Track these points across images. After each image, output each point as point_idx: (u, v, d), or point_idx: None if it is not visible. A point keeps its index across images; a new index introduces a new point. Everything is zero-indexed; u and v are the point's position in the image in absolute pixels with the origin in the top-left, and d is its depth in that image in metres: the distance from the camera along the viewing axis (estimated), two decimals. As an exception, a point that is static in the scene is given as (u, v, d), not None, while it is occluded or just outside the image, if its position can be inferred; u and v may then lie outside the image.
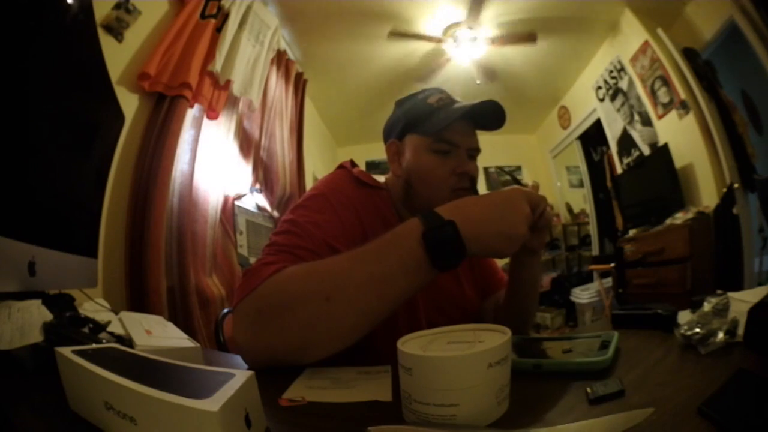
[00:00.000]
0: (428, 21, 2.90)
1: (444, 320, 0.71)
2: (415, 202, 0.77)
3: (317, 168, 3.64)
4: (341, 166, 0.80)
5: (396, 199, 0.81)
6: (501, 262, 0.95)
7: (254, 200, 2.46)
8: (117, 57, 1.45)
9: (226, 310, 1.16)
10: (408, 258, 0.48)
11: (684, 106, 2.63)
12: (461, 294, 0.82)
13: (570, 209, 4.95)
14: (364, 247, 0.51)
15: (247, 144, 2.28)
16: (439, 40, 3.09)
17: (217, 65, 1.81)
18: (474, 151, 0.77)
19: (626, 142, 3.32)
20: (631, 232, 2.92)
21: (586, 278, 3.95)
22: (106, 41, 1.38)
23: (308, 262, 0.55)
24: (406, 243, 0.49)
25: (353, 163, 0.82)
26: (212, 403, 0.26)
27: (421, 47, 3.17)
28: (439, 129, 0.73)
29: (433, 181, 0.74)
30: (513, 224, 0.51)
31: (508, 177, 3.71)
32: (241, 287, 0.55)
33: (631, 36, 2.95)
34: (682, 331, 0.48)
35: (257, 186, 2.39)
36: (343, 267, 0.51)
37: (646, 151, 3.06)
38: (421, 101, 0.79)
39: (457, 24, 2.93)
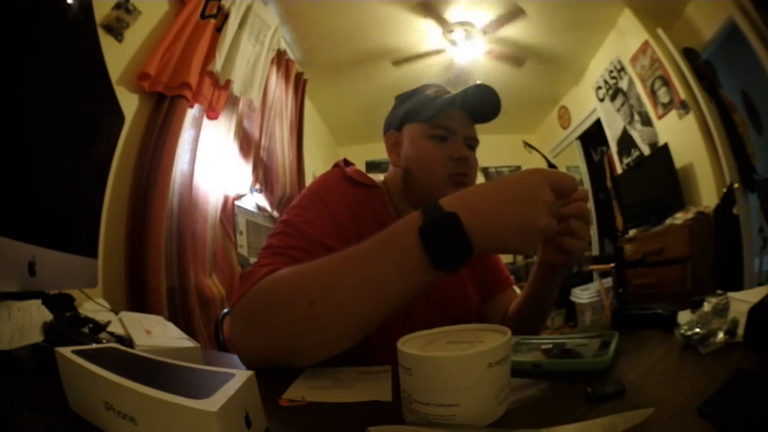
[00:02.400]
0: (421, 39, 2.99)
1: (443, 320, 0.71)
2: (413, 190, 0.77)
3: (317, 168, 3.64)
4: (335, 165, 0.81)
5: (395, 194, 0.81)
6: (505, 259, 0.95)
7: (254, 200, 2.46)
8: (117, 57, 1.45)
9: (226, 310, 1.16)
10: (403, 257, 0.43)
11: (684, 106, 2.63)
12: (463, 293, 0.82)
13: (570, 209, 4.94)
14: (358, 246, 0.47)
15: (247, 144, 2.28)
16: (439, 51, 3.16)
17: (217, 65, 1.81)
18: (472, 141, 0.78)
19: (626, 142, 3.32)
20: (631, 232, 2.92)
21: (586, 278, 3.95)
22: (106, 41, 1.38)
23: (299, 264, 0.52)
24: (401, 241, 0.43)
25: (347, 162, 0.82)
26: (212, 403, 0.26)
27: (423, 47, 3.18)
28: (434, 114, 0.74)
29: (431, 166, 0.74)
30: (531, 216, 0.42)
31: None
32: (236, 291, 0.56)
33: (631, 36, 2.95)
34: (682, 331, 0.48)
35: (257, 186, 2.39)
36: (332, 269, 0.47)
37: (646, 151, 3.06)
38: (420, 93, 0.81)
39: (469, 24, 2.95)
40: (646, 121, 3.02)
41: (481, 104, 0.76)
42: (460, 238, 0.41)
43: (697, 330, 0.46)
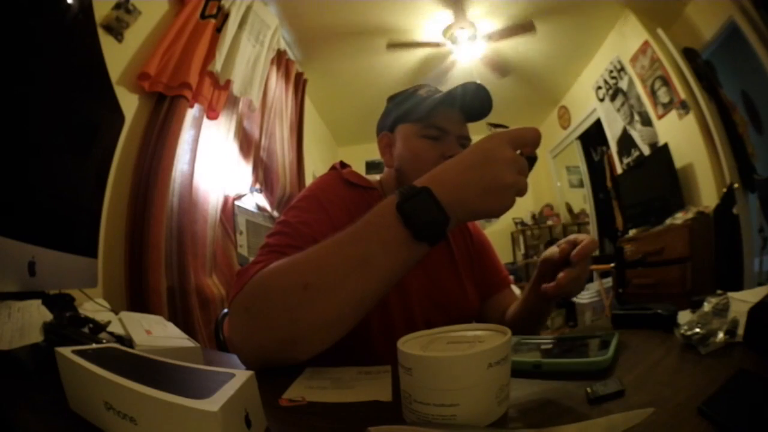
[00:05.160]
0: (424, 27, 2.95)
1: (444, 320, 0.71)
2: None
3: (317, 168, 3.64)
4: (332, 168, 0.81)
5: (390, 195, 0.81)
6: (505, 259, 0.95)
7: (254, 200, 2.46)
8: (117, 57, 1.45)
9: (225, 311, 1.16)
10: (387, 234, 0.45)
11: (684, 106, 2.63)
12: (463, 294, 0.82)
13: (570, 209, 4.95)
14: (344, 231, 0.49)
15: (247, 144, 2.28)
16: (437, 45, 3.13)
17: (217, 65, 1.81)
18: (465, 140, 0.79)
19: (626, 142, 3.32)
20: (631, 232, 2.92)
21: (586, 278, 3.95)
22: (106, 41, 1.38)
23: (291, 256, 0.53)
24: (382, 220, 0.46)
25: (343, 164, 0.83)
26: (212, 403, 0.26)
27: (422, 50, 3.18)
28: (426, 113, 0.75)
29: (424, 164, 0.74)
30: (493, 176, 0.45)
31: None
32: (232, 288, 0.56)
33: (631, 36, 2.95)
34: (682, 331, 0.48)
35: (257, 186, 2.39)
36: (320, 253, 0.49)
37: (646, 151, 3.06)
38: (411, 94, 0.82)
39: (449, 26, 2.95)
40: (646, 121, 3.02)
41: (472, 102, 0.76)
42: (435, 208, 0.44)
43: (697, 330, 0.46)
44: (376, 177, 0.86)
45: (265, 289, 0.50)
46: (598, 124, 3.75)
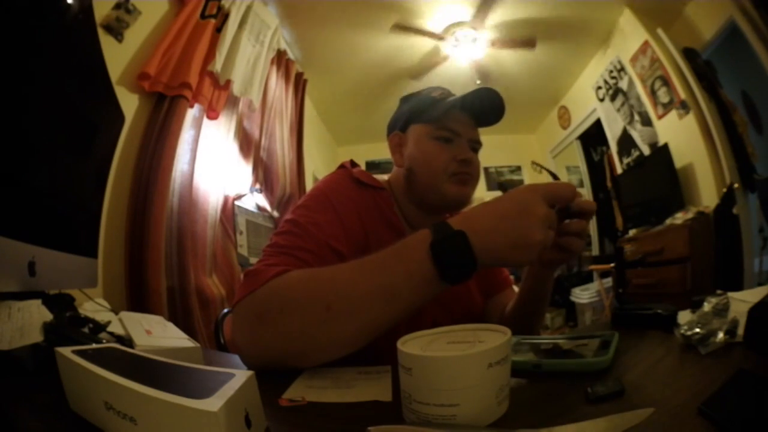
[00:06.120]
0: (432, 17, 2.90)
1: (448, 320, 0.71)
2: (416, 190, 0.78)
3: (317, 168, 3.64)
4: (342, 166, 0.81)
5: (399, 195, 0.81)
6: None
7: (254, 200, 2.46)
8: (117, 57, 1.45)
9: (226, 311, 1.16)
10: (415, 270, 0.46)
11: (684, 106, 2.63)
12: (468, 294, 0.82)
13: (570, 209, 4.93)
14: (371, 256, 0.50)
15: (247, 144, 2.28)
16: (440, 38, 3.10)
17: (217, 65, 1.81)
18: (475, 144, 0.79)
19: (626, 142, 3.32)
20: (631, 232, 2.92)
21: (586, 278, 3.95)
22: (106, 41, 1.38)
23: (311, 269, 0.53)
24: (413, 254, 0.47)
25: (353, 163, 0.82)
26: (212, 403, 0.26)
27: (421, 47, 3.17)
28: (440, 115, 0.75)
29: (435, 166, 0.75)
30: (526, 231, 0.46)
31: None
32: (241, 288, 0.55)
33: (631, 36, 2.95)
34: (682, 331, 0.48)
35: (257, 186, 2.39)
36: (347, 276, 0.50)
37: (646, 151, 3.06)
38: (425, 95, 0.82)
39: (459, 24, 2.94)
40: (646, 121, 3.02)
41: (485, 108, 0.77)
42: (467, 253, 0.45)
43: (697, 330, 0.46)
44: (384, 177, 0.85)
45: (284, 301, 0.51)
46: (598, 124, 3.75)
